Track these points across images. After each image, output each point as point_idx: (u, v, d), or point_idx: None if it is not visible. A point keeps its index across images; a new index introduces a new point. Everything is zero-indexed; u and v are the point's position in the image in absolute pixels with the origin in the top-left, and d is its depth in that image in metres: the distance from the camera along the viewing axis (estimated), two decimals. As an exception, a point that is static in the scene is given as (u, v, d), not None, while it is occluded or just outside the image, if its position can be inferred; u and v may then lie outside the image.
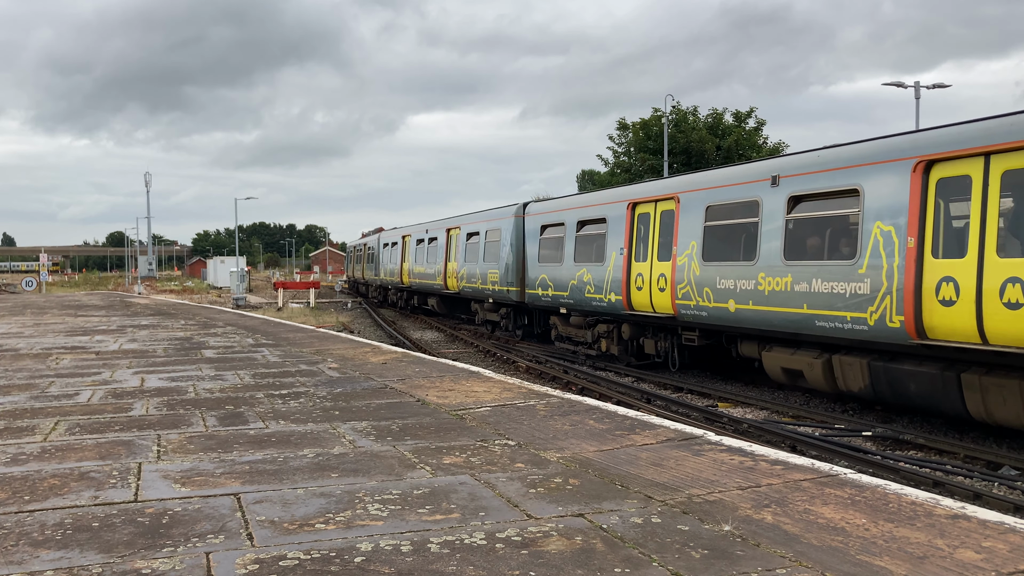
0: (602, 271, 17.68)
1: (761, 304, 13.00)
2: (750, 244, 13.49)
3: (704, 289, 14.30)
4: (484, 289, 24.68)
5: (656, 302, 15.75)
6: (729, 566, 3.60)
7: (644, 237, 16.48)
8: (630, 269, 16.68)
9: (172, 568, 3.62)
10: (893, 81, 35.48)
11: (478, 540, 3.96)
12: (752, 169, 13.96)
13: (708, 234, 14.55)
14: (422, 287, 32.63)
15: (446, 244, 28.93)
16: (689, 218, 14.97)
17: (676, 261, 15.11)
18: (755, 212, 13.36)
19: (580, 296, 18.66)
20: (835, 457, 9.69)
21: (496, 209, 25.46)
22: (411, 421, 6.97)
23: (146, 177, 54.65)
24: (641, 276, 16.34)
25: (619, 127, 49.19)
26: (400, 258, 36.26)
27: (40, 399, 8.28)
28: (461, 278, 26.85)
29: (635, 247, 16.71)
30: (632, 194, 17.33)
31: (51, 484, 5.01)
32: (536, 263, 21.32)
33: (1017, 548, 3.78)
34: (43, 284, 53.40)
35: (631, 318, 16.88)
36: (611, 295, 17.27)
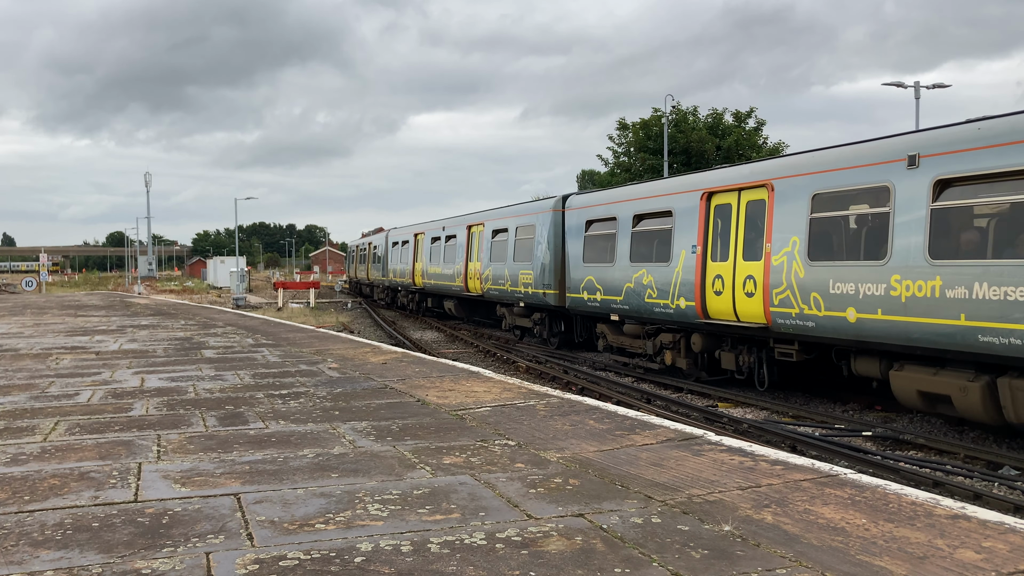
0: (667, 273, 15.38)
1: (895, 313, 10.66)
2: (877, 239, 11.22)
3: (811, 294, 11.99)
4: (514, 292, 22.52)
5: (741, 309, 13.44)
6: (729, 566, 3.60)
7: (723, 232, 14.10)
8: (705, 270, 14.37)
9: (172, 568, 3.62)
10: (893, 81, 35.52)
11: (478, 540, 3.96)
12: (877, 148, 11.49)
13: (815, 228, 12.20)
14: (438, 289, 30.20)
15: (467, 242, 26.71)
16: (787, 209, 12.65)
17: (770, 261, 12.84)
18: (884, 200, 11.07)
19: (638, 301, 16.33)
20: (835, 457, 9.70)
21: (529, 203, 23.53)
22: (411, 421, 6.97)
23: (146, 177, 54.68)
24: (720, 279, 13.98)
25: (619, 127, 49.23)
26: (412, 257, 34.04)
27: (40, 399, 8.28)
28: (486, 279, 24.64)
29: (711, 244, 14.35)
30: (707, 182, 14.82)
31: (51, 484, 5.01)
32: (580, 263, 18.96)
33: (1017, 548, 3.78)
34: (43, 284, 53.40)
35: (705, 327, 14.56)
36: (679, 300, 14.91)
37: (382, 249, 41.34)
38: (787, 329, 12.57)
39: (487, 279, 24.57)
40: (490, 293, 24.54)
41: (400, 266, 36.53)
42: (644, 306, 16.18)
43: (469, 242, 26.67)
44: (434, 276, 30.55)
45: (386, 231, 41.57)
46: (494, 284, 24.04)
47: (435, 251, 30.61)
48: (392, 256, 38.51)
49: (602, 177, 54.04)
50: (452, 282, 28.22)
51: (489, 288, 24.49)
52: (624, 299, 16.93)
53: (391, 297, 40.46)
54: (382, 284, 42.13)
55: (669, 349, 15.94)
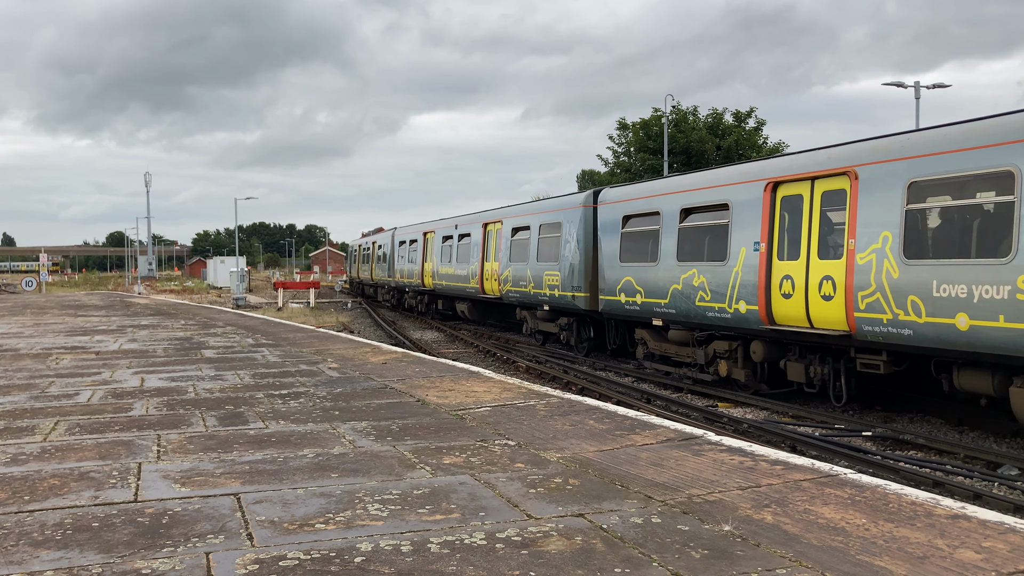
0: (723, 273, 13.82)
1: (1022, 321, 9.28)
2: (997, 234, 9.84)
3: (908, 298, 10.50)
4: (538, 294, 20.90)
5: (816, 314, 11.96)
6: (729, 566, 3.60)
7: (793, 227, 12.57)
8: (770, 270, 12.84)
9: (172, 568, 3.62)
10: (893, 81, 35.51)
11: (478, 540, 3.96)
12: (997, 127, 9.89)
13: (913, 221, 10.74)
14: (450, 290, 28.51)
15: (483, 241, 25.19)
16: (876, 199, 11.13)
17: (854, 259, 11.30)
18: (1007, 187, 9.63)
19: (686, 305, 14.78)
20: (835, 457, 9.70)
21: (555, 199, 22.03)
22: (411, 421, 6.97)
23: (146, 177, 54.70)
24: (790, 280, 12.42)
25: (619, 127, 49.27)
26: (421, 257, 32.30)
27: (40, 399, 8.28)
28: (504, 281, 23.06)
29: (778, 241, 12.80)
30: (772, 170, 13.20)
31: (51, 484, 5.01)
32: (616, 263, 17.33)
33: (1017, 548, 3.78)
34: (43, 284, 53.40)
35: (769, 335, 13.04)
36: (738, 304, 13.38)
37: (388, 248, 39.71)
38: (875, 337, 11.03)
39: (506, 280, 23.04)
40: (509, 295, 22.96)
41: (408, 266, 34.92)
42: (694, 310, 14.60)
43: (485, 241, 25.21)
44: (446, 277, 28.92)
45: (392, 230, 39.66)
46: (514, 286, 22.49)
47: (446, 250, 28.97)
48: (399, 256, 36.84)
49: (602, 177, 54.07)
50: (466, 283, 26.64)
51: (508, 290, 22.92)
52: (670, 302, 15.37)
53: (397, 298, 38.82)
54: (387, 285, 40.37)
55: (724, 359, 14.34)
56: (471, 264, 26.17)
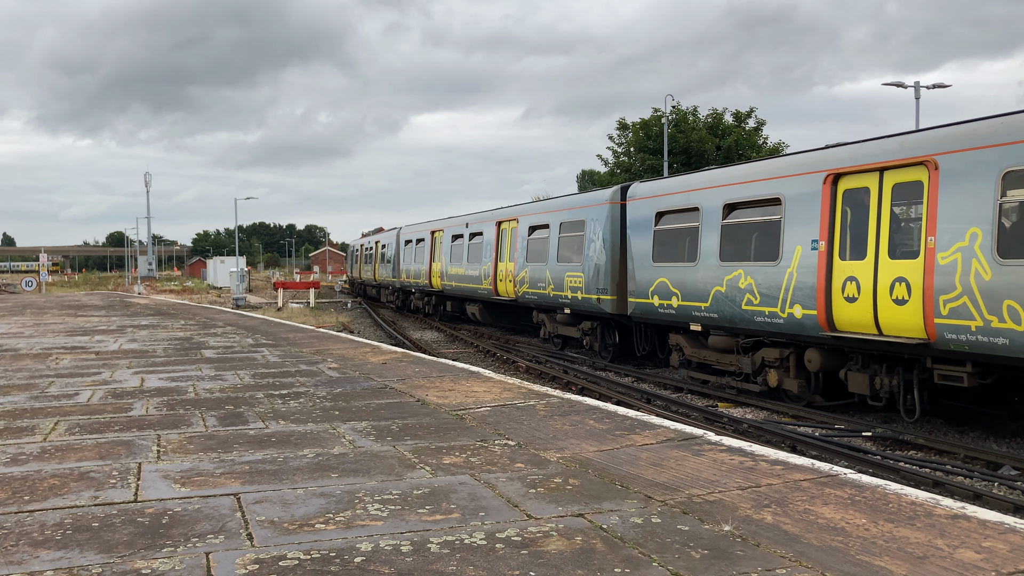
0: (775, 274, 12.70)
1: None
2: None
3: (1004, 303, 9.38)
4: (558, 297, 19.75)
5: (887, 320, 10.80)
6: (729, 566, 3.60)
7: (858, 223, 11.37)
8: (831, 271, 11.65)
9: (172, 568, 3.62)
10: (893, 81, 35.51)
11: (478, 540, 3.96)
12: None
13: (1010, 215, 9.66)
14: (460, 292, 27.25)
15: (496, 240, 24.05)
16: (962, 192, 9.96)
17: (935, 259, 10.18)
18: None
19: (731, 308, 13.65)
20: (835, 457, 9.70)
21: (577, 195, 20.97)
22: (411, 421, 6.97)
23: (146, 177, 54.69)
24: (854, 281, 11.22)
25: (619, 127, 49.28)
26: (429, 257, 30.92)
27: (40, 399, 8.28)
28: (521, 282, 21.90)
29: (840, 239, 11.64)
30: (832, 161, 11.95)
31: (51, 484, 5.01)
32: (648, 263, 16.14)
33: (1017, 548, 3.78)
34: (43, 284, 53.40)
35: (829, 342, 11.90)
36: (792, 308, 12.22)
37: (392, 248, 37.92)
38: (959, 346, 9.92)
39: (522, 282, 21.85)
40: (526, 297, 21.83)
41: (414, 266, 33.36)
42: (740, 314, 13.45)
43: (499, 240, 23.97)
44: (455, 278, 27.52)
45: (397, 229, 37.94)
46: (531, 287, 21.31)
47: (456, 250, 27.59)
48: (405, 255, 35.25)
49: (602, 177, 54.06)
50: (478, 284, 25.39)
51: (525, 292, 21.76)
52: (711, 305, 14.17)
53: (402, 300, 37.33)
54: (392, 286, 38.53)
55: (774, 367, 13.21)
56: (483, 264, 24.96)
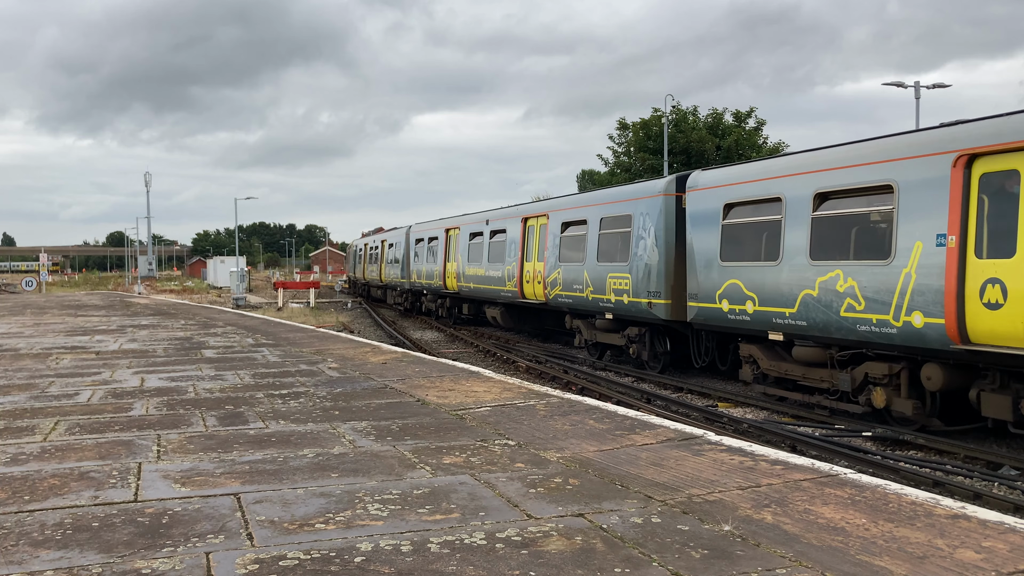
0: (886, 275, 10.84)
1: None
2: None
3: None
4: (598, 300, 17.79)
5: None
6: (729, 566, 3.60)
7: (1000, 214, 9.62)
8: (963, 272, 9.82)
9: (172, 568, 3.62)
10: (893, 81, 35.51)
11: (478, 540, 3.96)
12: None
13: None
14: (479, 294, 25.26)
15: (522, 238, 22.19)
16: None
17: None
18: None
19: (824, 316, 11.79)
20: (835, 457, 9.70)
21: (622, 187, 18.81)
22: (411, 421, 6.97)
23: (146, 177, 54.67)
24: (998, 284, 9.37)
25: (619, 127, 49.34)
26: (443, 256, 28.77)
27: (40, 399, 8.28)
28: (552, 284, 20.00)
29: (975, 233, 9.79)
30: (964, 139, 10.07)
31: (51, 484, 5.01)
32: (715, 262, 14.29)
33: (1017, 548, 3.78)
34: (43, 284, 53.40)
35: (957, 356, 10.11)
36: (911, 316, 10.38)
37: (401, 247, 35.64)
38: None
39: (554, 283, 19.88)
40: (558, 301, 19.82)
41: (426, 267, 31.00)
42: (837, 322, 11.60)
43: (525, 238, 22.05)
44: (474, 279, 25.50)
45: (407, 227, 35.54)
46: (565, 290, 19.34)
47: (475, 249, 25.61)
48: (415, 255, 33.01)
49: (602, 177, 54.10)
50: (500, 286, 23.44)
51: (557, 295, 19.81)
52: (799, 311, 12.31)
53: (412, 302, 34.88)
54: (400, 287, 36.19)
55: (880, 385, 11.29)
56: (507, 264, 22.94)
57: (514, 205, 24.43)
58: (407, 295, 35.51)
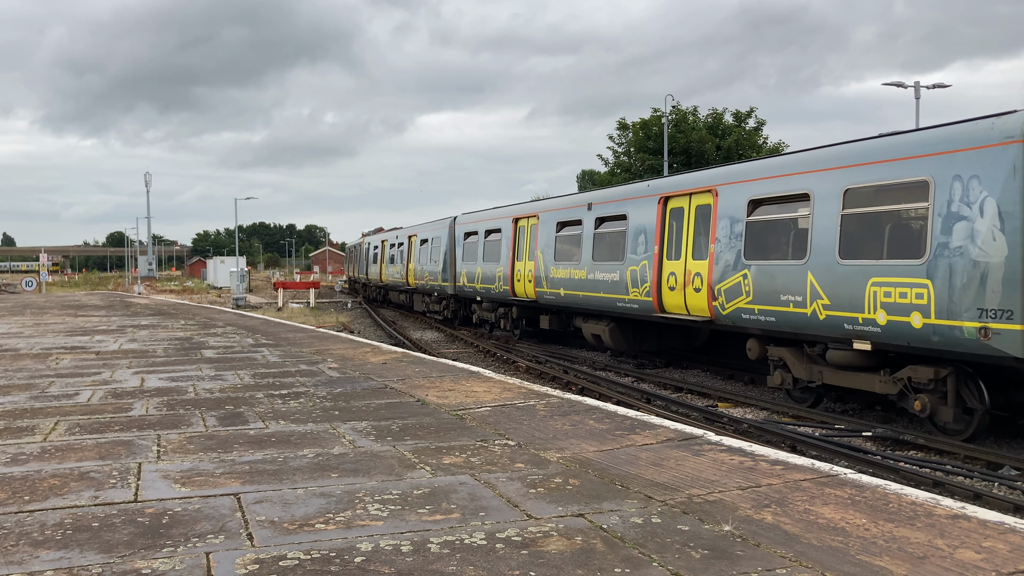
0: None
1: None
2: None
3: None
4: (838, 319, 11.40)
5: None
6: (729, 566, 3.60)
7: None
8: None
9: (172, 568, 3.62)
10: (893, 81, 35.50)
11: (478, 540, 3.96)
12: None
13: None
14: (574, 303, 19.15)
15: (662, 228, 15.76)
16: None
17: None
18: None
19: None
20: (835, 457, 9.70)
21: (899, 136, 11.02)
22: (411, 421, 6.97)
23: (146, 177, 54.71)
24: None
25: (619, 127, 49.35)
26: (510, 254, 22.79)
27: (40, 399, 8.28)
28: (731, 293, 13.55)
29: None
30: None
31: (51, 484, 5.01)
32: None
33: (1017, 548, 3.78)
34: (43, 284, 53.41)
35: None
36: None
37: (441, 244, 29.13)
38: None
39: (734, 293, 13.47)
40: (742, 318, 13.30)
41: (482, 267, 24.85)
42: None
43: (666, 228, 15.72)
44: (566, 283, 19.42)
45: (450, 218, 29.05)
46: (759, 301, 12.89)
47: (566, 243, 19.76)
48: (464, 253, 26.73)
49: (602, 177, 54.12)
50: (616, 293, 17.20)
51: (740, 308, 13.28)
52: None
53: (455, 310, 28.61)
54: (439, 292, 29.43)
55: None
56: (629, 263, 16.77)
57: (637, 183, 18.29)
58: (447, 301, 28.94)
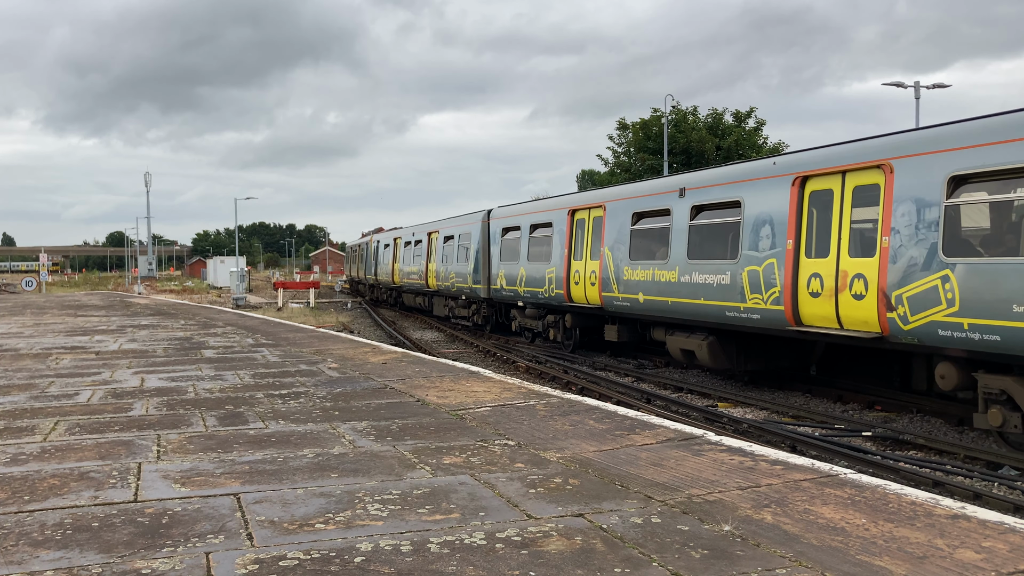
0: None
1: None
2: None
3: None
4: None
5: None
6: (729, 566, 3.60)
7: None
8: None
9: (172, 568, 3.62)
10: (892, 81, 35.50)
11: (478, 540, 3.96)
12: None
13: None
14: (659, 312, 15.62)
15: (794, 218, 12.25)
16: None
17: None
18: None
19: None
20: (835, 457, 9.69)
21: None
22: (411, 421, 6.97)
23: (146, 177, 54.73)
24: None
25: (619, 127, 49.36)
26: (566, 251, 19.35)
27: (40, 399, 8.28)
28: (907, 303, 10.32)
29: None
30: None
31: (51, 484, 5.01)
32: None
33: (1017, 548, 3.78)
34: (43, 284, 53.41)
35: None
36: None
37: (471, 241, 25.62)
38: None
39: (926, 301, 10.11)
40: (948, 337, 9.86)
41: (528, 268, 21.29)
42: None
43: (804, 217, 12.15)
44: (648, 287, 15.86)
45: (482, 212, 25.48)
46: (983, 314, 9.42)
47: (647, 239, 16.27)
48: (502, 251, 23.35)
49: (602, 177, 54.14)
50: (724, 301, 13.55)
51: (942, 321, 9.91)
52: None
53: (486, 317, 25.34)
54: (469, 296, 25.90)
55: None
56: (746, 263, 13.08)
57: (742, 162, 14.73)
58: (479, 306, 25.57)
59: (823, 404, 13.42)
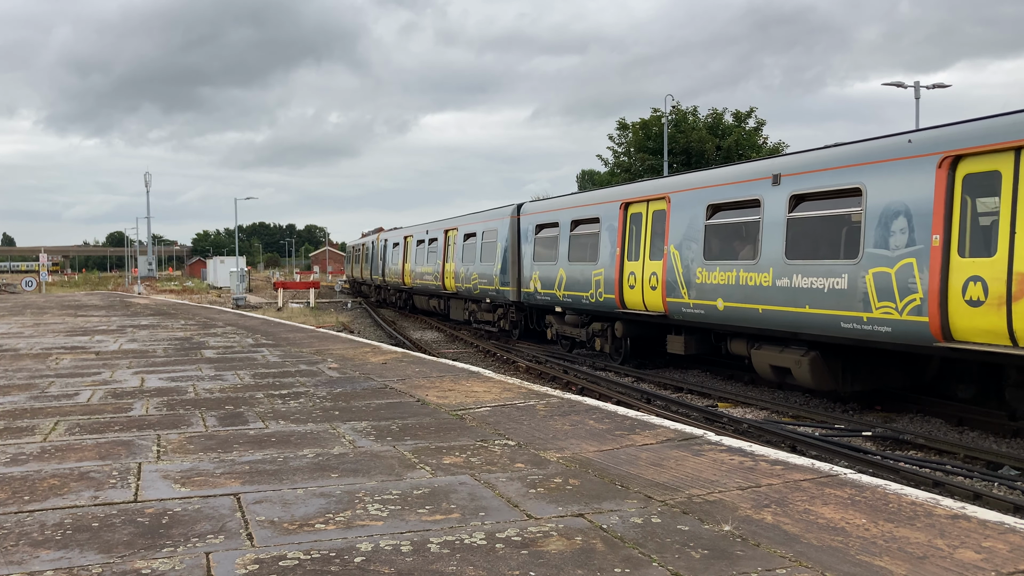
0: None
1: None
2: None
3: None
4: None
5: None
6: (729, 566, 3.60)
7: None
8: None
9: (172, 568, 3.62)
10: (892, 81, 35.52)
11: (478, 540, 3.96)
12: None
13: None
14: (741, 320, 13.29)
15: (946, 207, 9.84)
16: None
17: None
18: None
19: None
20: (835, 457, 9.70)
21: None
22: (411, 421, 6.97)
23: (146, 177, 54.72)
24: None
25: (619, 127, 49.35)
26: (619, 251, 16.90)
27: (40, 399, 8.28)
28: None
29: None
30: None
31: (51, 484, 5.01)
32: None
33: (1017, 548, 3.78)
34: (43, 284, 53.40)
35: None
36: None
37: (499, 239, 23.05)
38: None
39: None
40: None
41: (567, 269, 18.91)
42: None
43: (955, 207, 9.96)
44: (730, 293, 13.47)
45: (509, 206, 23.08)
46: None
47: (728, 235, 14.07)
48: (536, 251, 20.92)
49: (602, 177, 54.15)
50: (839, 309, 11.30)
51: None
52: None
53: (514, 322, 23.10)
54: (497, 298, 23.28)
55: None
56: (869, 263, 10.90)
57: (858, 141, 11.68)
58: (507, 310, 23.36)
59: (823, 404, 13.42)
